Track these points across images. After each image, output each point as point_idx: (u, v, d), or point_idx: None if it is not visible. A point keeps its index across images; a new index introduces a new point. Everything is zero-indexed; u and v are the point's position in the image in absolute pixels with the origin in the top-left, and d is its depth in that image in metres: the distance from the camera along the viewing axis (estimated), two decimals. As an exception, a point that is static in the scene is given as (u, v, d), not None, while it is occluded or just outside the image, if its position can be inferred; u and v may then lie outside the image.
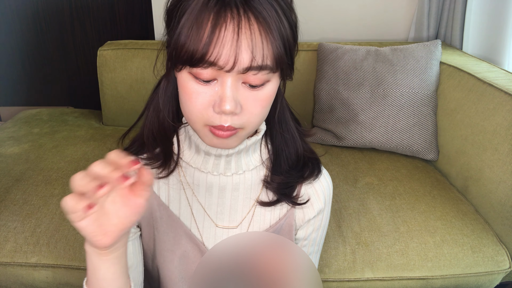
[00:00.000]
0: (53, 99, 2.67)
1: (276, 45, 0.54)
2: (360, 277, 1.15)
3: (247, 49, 0.52)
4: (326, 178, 0.76)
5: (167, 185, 0.72)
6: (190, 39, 0.52)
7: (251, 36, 0.52)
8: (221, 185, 0.70)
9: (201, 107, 0.57)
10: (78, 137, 1.66)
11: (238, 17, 0.51)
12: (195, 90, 0.56)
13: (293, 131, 0.72)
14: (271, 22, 0.53)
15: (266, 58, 0.53)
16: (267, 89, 0.57)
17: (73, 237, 1.17)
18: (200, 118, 0.58)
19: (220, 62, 0.52)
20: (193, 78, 0.56)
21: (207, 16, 0.52)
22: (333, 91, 1.65)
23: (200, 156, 0.69)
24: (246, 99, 0.56)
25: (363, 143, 1.58)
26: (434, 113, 1.56)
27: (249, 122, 0.59)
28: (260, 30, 0.52)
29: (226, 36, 0.51)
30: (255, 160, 0.71)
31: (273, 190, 0.72)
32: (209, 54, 0.52)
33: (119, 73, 1.74)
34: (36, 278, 1.16)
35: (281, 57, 0.55)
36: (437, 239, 1.19)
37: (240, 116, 0.57)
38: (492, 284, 1.23)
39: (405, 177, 1.44)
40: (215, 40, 0.51)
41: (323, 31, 2.02)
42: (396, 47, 1.64)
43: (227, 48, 0.52)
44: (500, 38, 1.63)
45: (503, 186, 1.20)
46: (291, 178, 0.72)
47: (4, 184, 1.34)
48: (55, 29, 2.49)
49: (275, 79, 0.58)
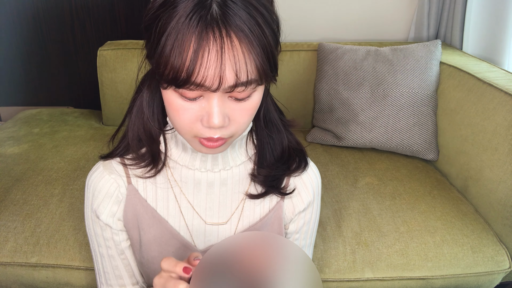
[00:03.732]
0: (53, 99, 2.66)
1: (260, 59, 0.54)
2: (360, 277, 1.15)
3: (231, 69, 0.52)
4: (313, 170, 0.77)
5: (154, 185, 0.72)
6: (173, 60, 0.52)
7: (234, 56, 0.52)
8: (209, 181, 0.71)
9: (189, 121, 0.58)
10: (78, 137, 1.66)
11: (220, 39, 0.51)
12: (181, 107, 0.57)
13: (277, 122, 0.73)
14: (253, 37, 0.53)
15: (250, 74, 0.54)
16: (252, 99, 0.58)
17: (73, 237, 1.17)
18: (189, 131, 0.59)
19: (206, 84, 0.53)
20: (179, 95, 0.56)
21: (189, 38, 0.51)
22: (333, 91, 1.65)
23: (187, 154, 0.69)
24: (233, 111, 0.57)
25: (363, 143, 1.58)
26: (434, 113, 1.56)
27: (237, 130, 0.60)
28: (243, 48, 0.52)
29: (210, 60, 0.51)
30: (241, 156, 0.72)
31: (260, 183, 0.72)
32: (194, 77, 0.52)
33: (119, 73, 1.74)
34: (36, 278, 1.16)
35: (265, 69, 0.55)
36: (437, 239, 1.19)
37: (228, 127, 0.58)
38: (492, 284, 1.23)
39: (405, 177, 1.44)
40: (199, 64, 0.51)
41: (323, 31, 2.02)
42: (396, 47, 1.64)
43: (211, 70, 0.52)
44: (500, 38, 1.62)
45: (503, 186, 1.20)
46: (277, 170, 0.72)
47: (4, 184, 1.34)
48: (55, 29, 2.49)
49: (260, 88, 0.58)
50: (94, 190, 0.72)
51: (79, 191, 1.32)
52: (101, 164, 0.72)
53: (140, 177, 0.71)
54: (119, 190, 0.71)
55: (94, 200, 0.72)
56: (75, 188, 1.33)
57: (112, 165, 0.72)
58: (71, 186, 1.34)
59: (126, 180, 0.71)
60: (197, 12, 0.51)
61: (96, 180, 0.71)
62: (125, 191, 0.71)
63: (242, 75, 0.53)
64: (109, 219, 0.72)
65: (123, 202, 0.72)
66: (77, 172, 1.41)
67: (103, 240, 0.74)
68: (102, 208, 0.71)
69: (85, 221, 0.75)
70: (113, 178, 0.71)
